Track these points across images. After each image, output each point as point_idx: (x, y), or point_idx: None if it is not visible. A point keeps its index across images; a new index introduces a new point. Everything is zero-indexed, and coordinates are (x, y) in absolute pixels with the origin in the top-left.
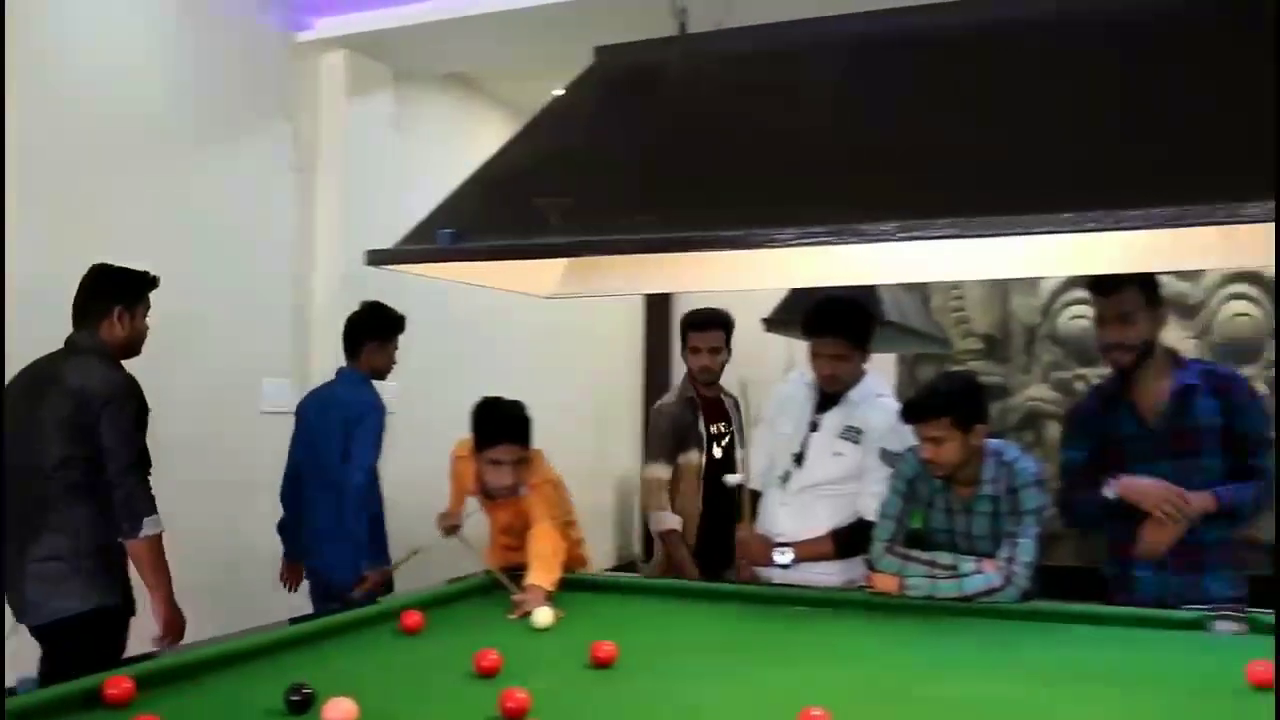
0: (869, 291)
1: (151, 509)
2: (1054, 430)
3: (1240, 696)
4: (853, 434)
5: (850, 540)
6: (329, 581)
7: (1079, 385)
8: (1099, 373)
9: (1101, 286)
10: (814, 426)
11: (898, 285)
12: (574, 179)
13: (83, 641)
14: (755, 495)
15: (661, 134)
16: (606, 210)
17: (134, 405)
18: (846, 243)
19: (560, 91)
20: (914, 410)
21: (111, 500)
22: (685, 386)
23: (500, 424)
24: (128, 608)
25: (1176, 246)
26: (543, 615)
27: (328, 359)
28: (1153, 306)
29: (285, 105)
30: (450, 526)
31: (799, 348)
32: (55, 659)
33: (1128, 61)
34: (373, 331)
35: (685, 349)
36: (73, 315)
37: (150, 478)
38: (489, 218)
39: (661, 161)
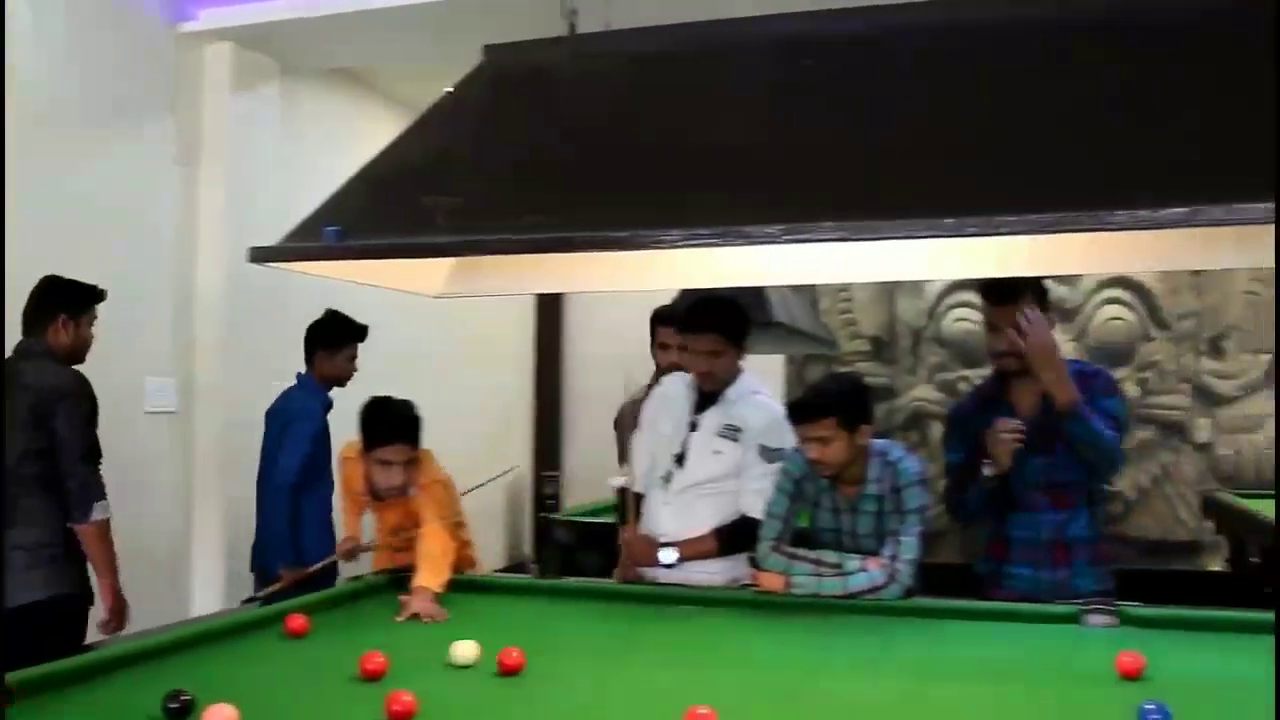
0: (758, 293)
1: (101, 495)
2: (938, 430)
3: (1110, 687)
4: (732, 432)
5: (733, 537)
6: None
7: (962, 386)
8: (982, 374)
9: (996, 295)
10: (693, 426)
11: (786, 287)
12: (462, 178)
13: (41, 631)
14: (639, 497)
15: (551, 134)
16: (494, 210)
17: (87, 403)
18: (732, 244)
19: (450, 89)
20: (800, 411)
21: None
22: (654, 384)
23: (389, 423)
24: (86, 597)
25: (1057, 252)
26: (464, 650)
27: (212, 358)
28: (1043, 313)
29: (169, 97)
30: (351, 551)
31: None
32: (13, 649)
33: (1011, 70)
34: (321, 339)
35: (654, 345)
36: (22, 322)
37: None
38: (376, 216)
39: (550, 162)
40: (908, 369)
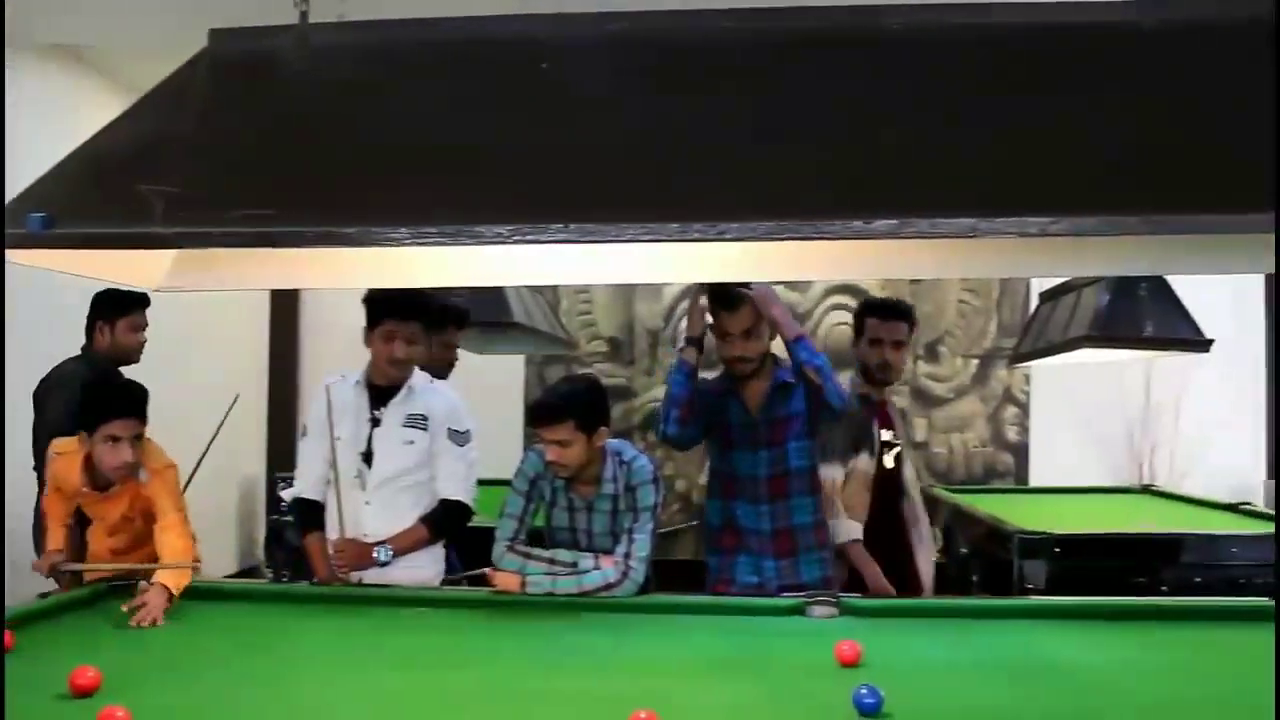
0: (497, 293)
1: None
2: None
3: (830, 675)
4: (419, 421)
5: (440, 522)
6: None
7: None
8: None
9: (725, 302)
10: (376, 422)
11: (525, 287)
12: (183, 166)
13: None
14: (313, 505)
15: (278, 125)
16: (217, 201)
17: (65, 394)
18: (461, 244)
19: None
20: (540, 414)
21: None
22: (857, 382)
23: (117, 396)
24: None
25: (784, 258)
26: None
27: None
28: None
29: None
30: (56, 567)
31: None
32: None
33: (741, 80)
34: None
35: (862, 340)
36: None
37: None
38: (88, 203)
39: (278, 153)
40: (645, 370)
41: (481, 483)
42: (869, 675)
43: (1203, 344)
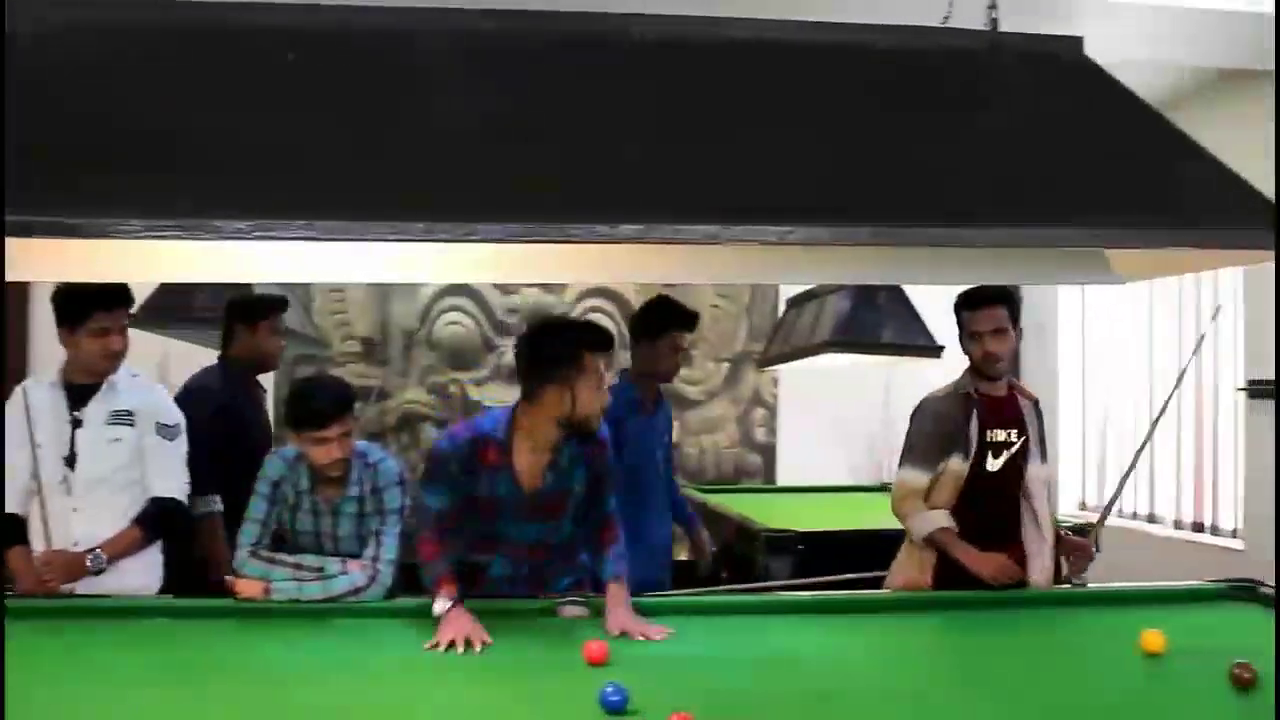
0: (248, 290)
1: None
2: (430, 431)
3: (578, 674)
4: (125, 417)
5: (154, 521)
6: None
7: (453, 389)
8: (474, 376)
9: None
10: (78, 423)
11: (275, 285)
12: None
13: None
14: (12, 519)
15: (7, 105)
16: None
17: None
18: (199, 238)
19: None
20: (320, 414)
21: None
22: (964, 380)
23: None
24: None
25: (535, 260)
26: None
27: None
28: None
29: None
30: None
31: (172, 345)
32: None
33: (491, 77)
34: (642, 328)
35: (965, 335)
36: None
37: None
38: None
39: (4, 135)
40: (399, 371)
41: None
42: (616, 673)
43: (935, 350)
